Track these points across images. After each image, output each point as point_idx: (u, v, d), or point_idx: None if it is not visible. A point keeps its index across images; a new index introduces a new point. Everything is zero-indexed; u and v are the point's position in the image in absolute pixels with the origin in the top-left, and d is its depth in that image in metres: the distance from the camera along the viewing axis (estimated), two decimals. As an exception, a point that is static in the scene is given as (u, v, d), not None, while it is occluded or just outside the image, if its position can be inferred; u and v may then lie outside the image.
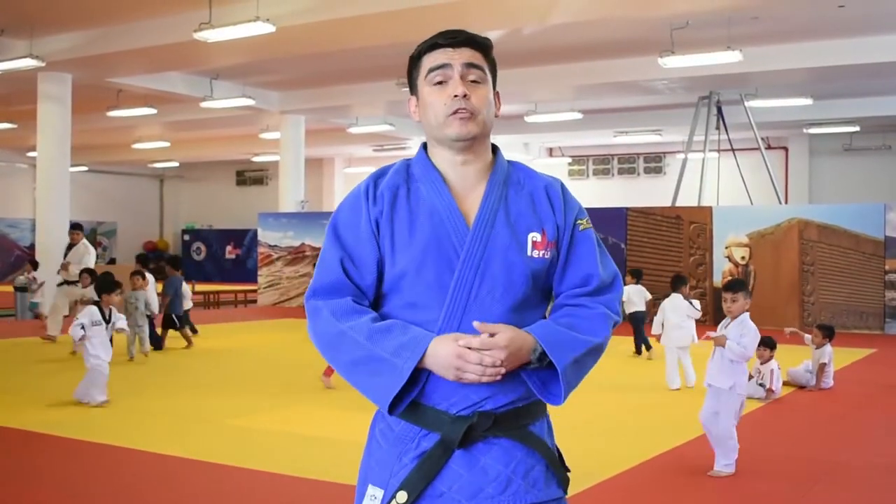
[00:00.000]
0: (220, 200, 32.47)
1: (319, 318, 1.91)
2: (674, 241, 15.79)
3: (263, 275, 19.77)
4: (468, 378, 1.79)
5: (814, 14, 12.41)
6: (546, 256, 1.91)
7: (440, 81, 1.91)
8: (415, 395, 1.84)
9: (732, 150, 17.82)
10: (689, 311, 8.44)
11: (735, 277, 12.67)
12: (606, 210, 16.73)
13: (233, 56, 14.39)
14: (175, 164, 31.39)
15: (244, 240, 29.70)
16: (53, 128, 15.77)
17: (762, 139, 18.58)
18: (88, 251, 11.93)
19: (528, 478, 1.86)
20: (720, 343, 5.23)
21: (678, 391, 8.24)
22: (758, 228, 15.20)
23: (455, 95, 1.88)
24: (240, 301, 21.71)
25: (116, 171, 31.67)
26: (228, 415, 7.01)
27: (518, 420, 1.87)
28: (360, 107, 19.59)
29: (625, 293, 8.11)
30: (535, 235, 1.91)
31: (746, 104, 17.44)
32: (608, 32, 13.59)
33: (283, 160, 20.73)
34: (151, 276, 10.95)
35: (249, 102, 17.59)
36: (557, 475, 1.92)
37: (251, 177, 32.19)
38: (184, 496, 4.86)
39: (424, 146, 2.01)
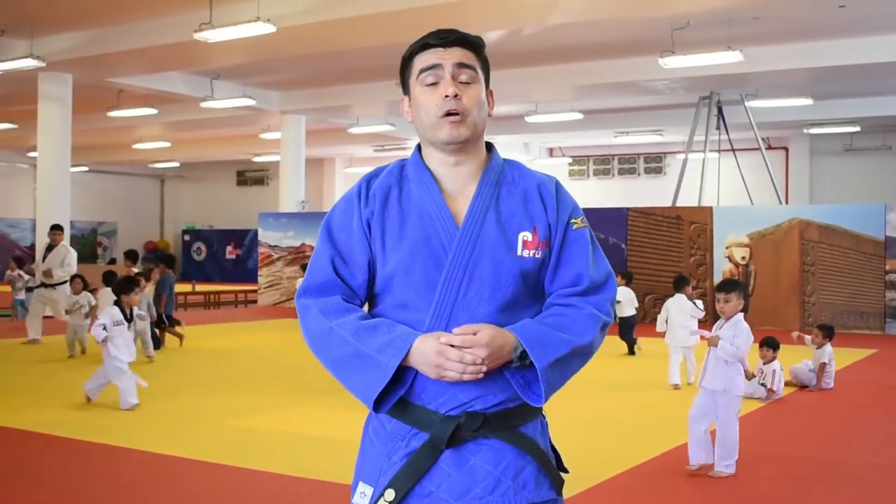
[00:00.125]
0: (221, 200, 32.47)
1: (309, 316, 1.92)
2: (674, 242, 15.79)
3: (264, 275, 19.79)
4: (449, 376, 1.78)
5: (814, 14, 12.41)
6: (537, 256, 1.90)
7: (432, 82, 1.91)
8: (402, 394, 1.84)
9: (733, 151, 17.81)
10: (693, 311, 8.48)
11: (728, 278, 12.63)
12: (607, 210, 16.74)
13: (233, 56, 14.40)
14: (175, 165, 31.40)
15: (245, 240, 29.71)
16: (54, 128, 15.79)
17: (763, 139, 18.57)
18: (70, 253, 11.80)
19: (518, 479, 1.84)
20: (713, 343, 5.22)
21: (678, 390, 8.24)
22: (758, 229, 15.19)
23: (446, 96, 1.88)
24: (240, 301, 21.71)
25: (117, 172, 31.69)
26: (228, 415, 7.01)
27: (509, 421, 1.86)
28: (361, 107, 19.59)
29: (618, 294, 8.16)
30: (526, 235, 1.90)
31: (747, 104, 17.44)
32: (609, 32, 13.60)
33: (284, 160, 20.73)
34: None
35: (250, 102, 17.60)
36: (550, 476, 1.90)
37: (252, 177, 32.19)
38: (184, 496, 4.86)
39: (419, 146, 2.01)
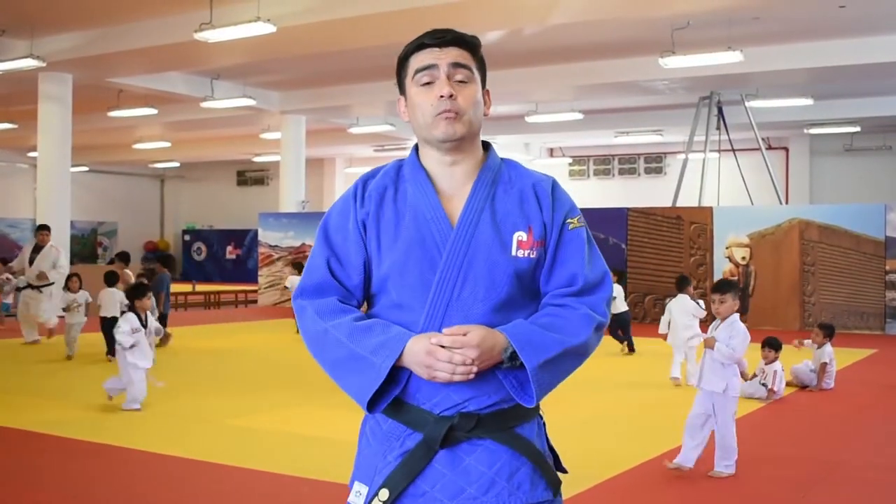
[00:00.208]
0: (221, 200, 32.47)
1: (305, 318, 1.93)
2: (674, 242, 15.79)
3: (264, 275, 19.78)
4: (440, 377, 1.78)
5: (815, 14, 12.40)
6: (532, 256, 1.89)
7: (427, 82, 1.90)
8: (396, 394, 1.85)
9: (733, 151, 17.81)
10: (696, 311, 8.48)
11: (722, 278, 12.62)
12: (607, 210, 16.74)
13: (233, 56, 14.39)
14: (176, 165, 31.39)
15: (245, 240, 29.70)
16: (54, 128, 15.79)
17: (763, 139, 18.56)
18: (61, 253, 11.75)
19: (513, 480, 1.84)
20: (709, 345, 5.20)
21: (678, 388, 8.25)
22: (758, 229, 15.19)
23: (441, 96, 1.87)
24: (240, 301, 21.71)
25: (117, 172, 31.68)
26: (228, 415, 7.01)
27: (504, 422, 1.85)
28: (361, 107, 19.58)
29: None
30: (521, 234, 1.89)
31: (747, 104, 17.43)
32: (609, 33, 13.59)
33: (284, 160, 20.72)
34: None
35: (250, 102, 17.59)
36: (546, 477, 1.89)
37: (252, 177, 32.18)
38: (184, 496, 4.86)
39: (416, 147, 2.00)
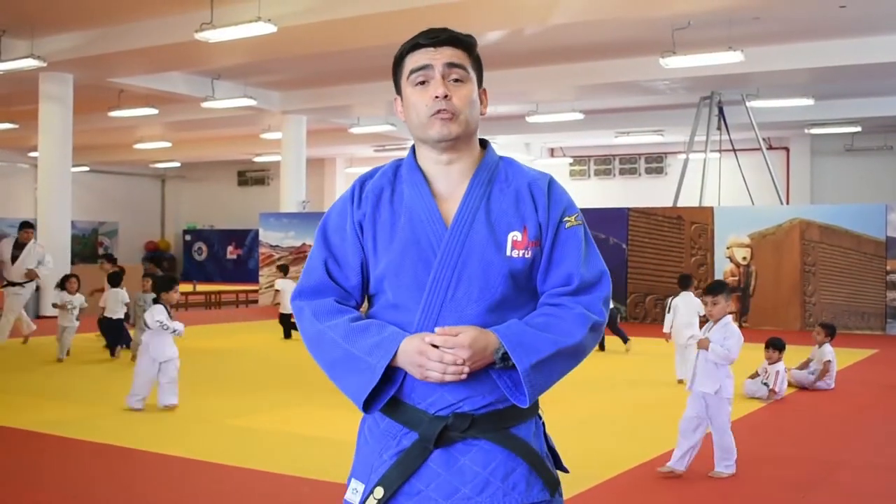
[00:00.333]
0: (222, 200, 32.46)
1: (303, 319, 1.94)
2: (675, 242, 15.78)
3: (264, 275, 19.78)
4: (431, 376, 1.79)
5: (815, 14, 12.39)
6: (527, 256, 1.88)
7: (422, 82, 1.90)
8: (392, 394, 1.86)
9: (734, 151, 17.80)
10: (700, 308, 8.45)
11: (715, 280, 12.57)
12: (608, 210, 16.74)
13: (234, 56, 14.39)
14: (176, 165, 31.38)
15: (245, 240, 29.69)
16: (55, 128, 15.77)
17: (763, 139, 18.54)
18: (45, 250, 11.70)
19: (508, 481, 1.83)
20: (703, 346, 5.19)
21: (678, 389, 8.23)
22: (759, 229, 15.18)
23: (436, 97, 1.87)
24: (241, 301, 21.71)
25: (118, 172, 31.67)
26: (228, 415, 7.01)
27: (499, 422, 1.85)
28: (362, 107, 19.58)
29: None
30: (516, 234, 1.88)
31: (748, 104, 17.43)
32: (609, 33, 13.58)
33: (285, 160, 20.72)
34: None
35: (251, 102, 17.59)
36: (543, 477, 1.88)
37: (252, 177, 32.17)
38: (184, 496, 4.86)
39: (414, 147, 2.00)
